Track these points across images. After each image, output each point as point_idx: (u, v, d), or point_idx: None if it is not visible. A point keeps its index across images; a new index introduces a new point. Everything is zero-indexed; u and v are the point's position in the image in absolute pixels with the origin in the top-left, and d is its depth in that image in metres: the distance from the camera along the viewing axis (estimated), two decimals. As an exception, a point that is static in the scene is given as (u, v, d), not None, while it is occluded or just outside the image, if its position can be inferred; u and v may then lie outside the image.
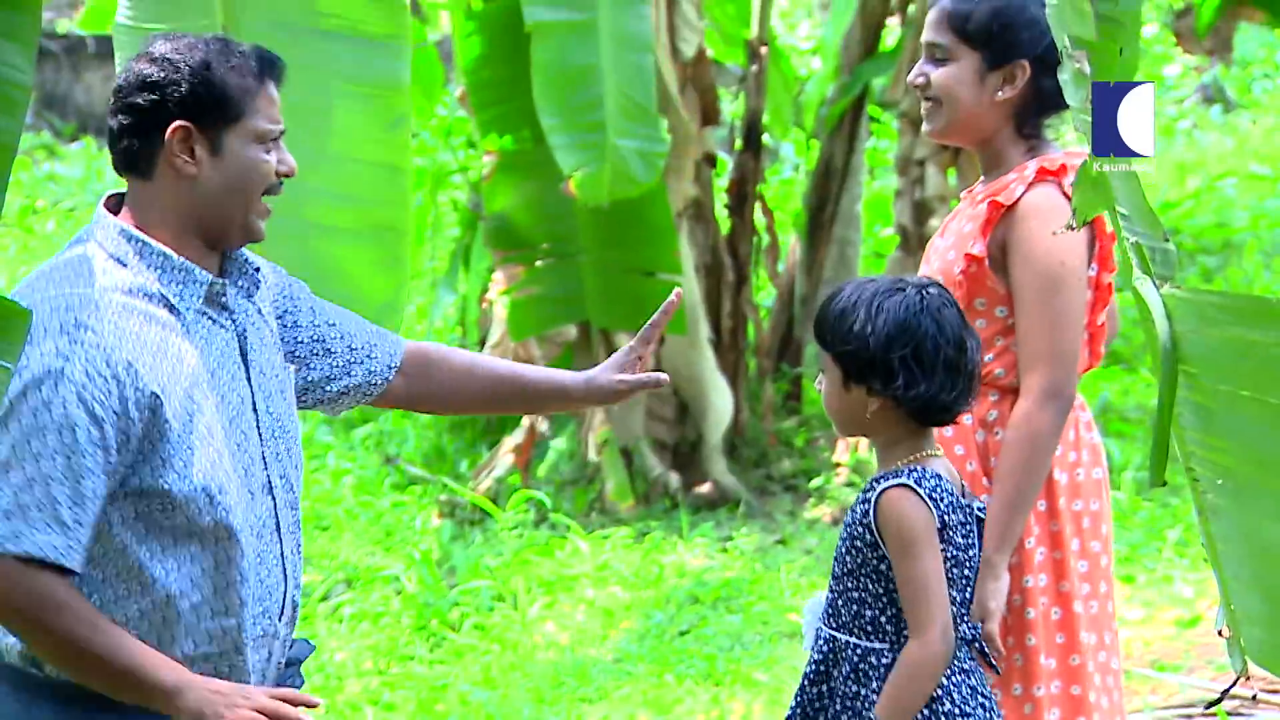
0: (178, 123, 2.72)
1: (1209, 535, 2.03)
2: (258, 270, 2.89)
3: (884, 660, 2.87)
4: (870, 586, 2.89)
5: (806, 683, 2.96)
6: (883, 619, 2.88)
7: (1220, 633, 2.13)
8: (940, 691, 2.87)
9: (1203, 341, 1.93)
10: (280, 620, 2.87)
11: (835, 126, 8.18)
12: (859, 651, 2.89)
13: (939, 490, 2.86)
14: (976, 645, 2.98)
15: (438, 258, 9.00)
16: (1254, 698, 4.65)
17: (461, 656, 5.69)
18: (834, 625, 2.94)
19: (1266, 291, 9.31)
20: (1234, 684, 2.40)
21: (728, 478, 7.22)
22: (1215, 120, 14.01)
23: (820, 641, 2.96)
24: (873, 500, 2.86)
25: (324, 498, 7.23)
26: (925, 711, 2.86)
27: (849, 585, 2.91)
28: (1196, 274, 9.85)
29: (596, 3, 5.82)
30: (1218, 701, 4.14)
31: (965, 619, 2.94)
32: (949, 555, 2.86)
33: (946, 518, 2.85)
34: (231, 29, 3.67)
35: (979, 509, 2.97)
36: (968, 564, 2.92)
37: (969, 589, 2.94)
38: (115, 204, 2.84)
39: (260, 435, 2.83)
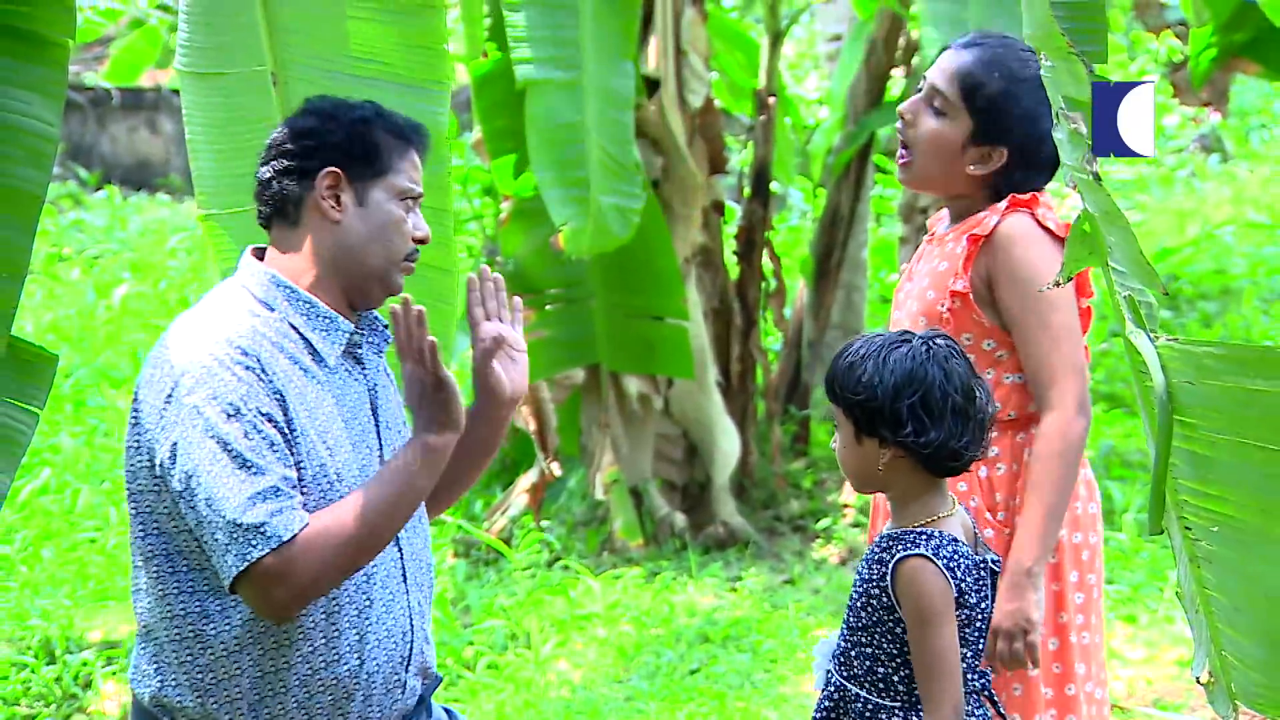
0: (329, 169, 2.78)
1: (1199, 583, 2.02)
2: (386, 327, 2.91)
3: (894, 718, 2.85)
4: (885, 646, 2.85)
5: None
6: (895, 678, 2.85)
7: (1199, 680, 2.11)
8: None
9: (1200, 392, 1.92)
10: (407, 670, 2.87)
11: (842, 175, 8.20)
12: (870, 707, 2.87)
13: (956, 556, 2.82)
14: (986, 694, 2.95)
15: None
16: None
17: (476, 695, 5.67)
18: (845, 674, 2.91)
19: (1265, 337, 9.29)
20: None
21: (736, 518, 7.20)
22: (1213, 169, 14.04)
23: (831, 688, 2.93)
24: (890, 566, 2.83)
25: (341, 538, 7.21)
26: None
27: (863, 639, 2.88)
28: (1196, 319, 9.84)
29: (581, 61, 5.85)
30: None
31: (974, 669, 2.91)
32: (961, 616, 2.83)
33: (962, 583, 2.82)
34: (280, 74, 3.72)
35: (993, 561, 2.94)
36: (979, 619, 2.88)
37: (980, 641, 2.91)
38: (259, 255, 2.88)
39: None
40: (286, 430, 2.68)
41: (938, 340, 2.88)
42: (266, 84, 3.73)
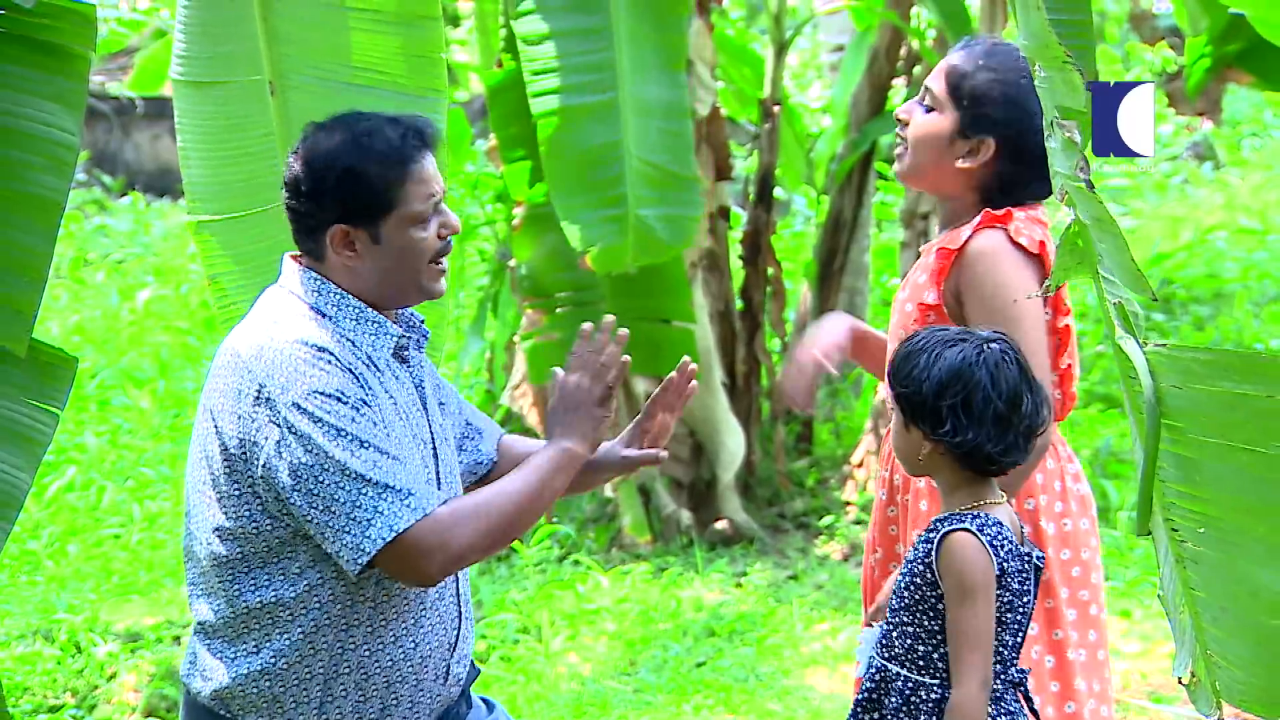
0: (334, 227, 2.77)
1: (1185, 583, 2.01)
2: (423, 322, 2.93)
3: (933, 695, 2.82)
4: (926, 623, 2.84)
5: (859, 709, 2.93)
6: (935, 655, 2.84)
7: (1180, 680, 2.10)
8: None
9: (1187, 396, 1.91)
10: (452, 655, 2.88)
11: (844, 181, 8.19)
12: (910, 685, 2.85)
13: (1000, 538, 2.80)
14: (1022, 689, 2.91)
15: (466, 306, 9.01)
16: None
17: (488, 687, 5.66)
18: (886, 656, 2.90)
19: (1256, 339, 9.27)
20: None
21: (742, 515, 7.20)
22: (1206, 176, 13.99)
23: (872, 670, 2.92)
24: (936, 541, 2.81)
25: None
26: None
27: (905, 619, 2.86)
28: (1189, 323, 9.82)
29: (617, 82, 5.81)
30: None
31: (1015, 663, 2.88)
32: (1003, 600, 2.81)
33: (1005, 565, 2.80)
34: (278, 83, 3.71)
35: (1038, 557, 2.91)
36: (1021, 609, 2.86)
37: (1021, 634, 2.88)
38: (297, 260, 2.88)
39: (440, 478, 2.87)
40: (379, 418, 2.71)
41: (993, 344, 2.83)
42: (264, 93, 3.72)
